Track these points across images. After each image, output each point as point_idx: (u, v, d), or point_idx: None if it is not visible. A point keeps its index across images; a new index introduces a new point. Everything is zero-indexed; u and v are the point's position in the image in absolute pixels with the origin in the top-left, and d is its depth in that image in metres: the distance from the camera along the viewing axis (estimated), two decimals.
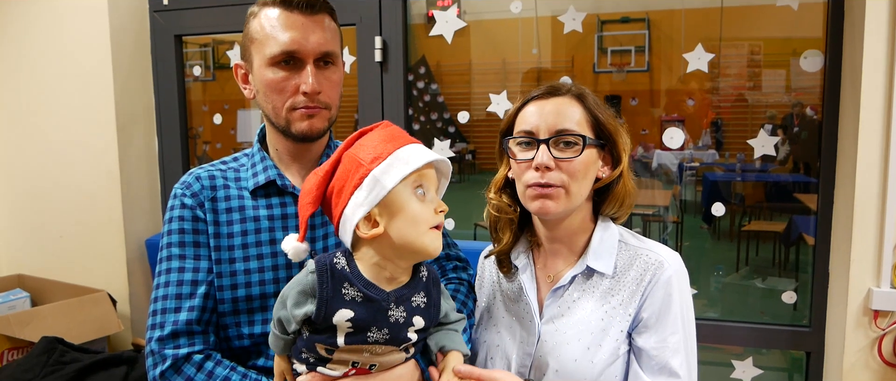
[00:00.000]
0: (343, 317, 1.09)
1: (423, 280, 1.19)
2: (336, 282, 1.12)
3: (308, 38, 1.32)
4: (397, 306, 1.14)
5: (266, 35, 1.33)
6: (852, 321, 2.13)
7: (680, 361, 1.29)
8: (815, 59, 2.30)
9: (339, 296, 1.11)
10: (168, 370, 1.25)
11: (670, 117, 2.92)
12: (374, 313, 1.11)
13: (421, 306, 1.17)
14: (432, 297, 1.19)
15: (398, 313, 1.13)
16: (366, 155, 1.13)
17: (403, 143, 1.15)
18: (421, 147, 1.16)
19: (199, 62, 3.28)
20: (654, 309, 1.30)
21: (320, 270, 1.12)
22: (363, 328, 1.10)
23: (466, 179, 4.14)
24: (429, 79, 3.37)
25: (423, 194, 1.14)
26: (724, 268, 3.12)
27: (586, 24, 2.54)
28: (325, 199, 1.17)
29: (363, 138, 1.17)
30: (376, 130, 1.19)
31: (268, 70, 1.33)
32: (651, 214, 3.25)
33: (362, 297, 1.11)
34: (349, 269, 1.13)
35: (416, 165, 1.11)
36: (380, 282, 1.14)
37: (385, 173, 1.11)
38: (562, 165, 1.29)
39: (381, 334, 1.12)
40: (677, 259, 1.35)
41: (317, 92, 1.33)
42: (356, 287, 1.12)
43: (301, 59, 1.33)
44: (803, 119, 2.65)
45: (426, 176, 1.15)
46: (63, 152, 2.98)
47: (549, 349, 1.34)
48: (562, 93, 1.35)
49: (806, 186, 2.69)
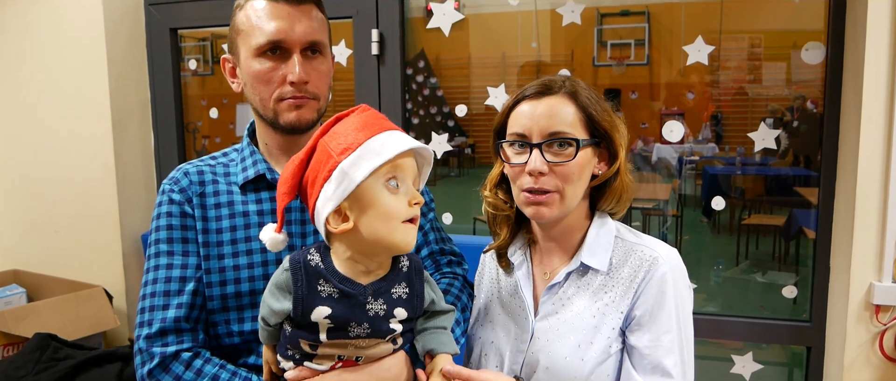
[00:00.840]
0: (321, 314, 1.07)
1: (403, 271, 1.16)
2: (311, 279, 1.09)
3: (294, 27, 1.30)
4: (376, 299, 1.11)
5: (252, 26, 1.31)
6: (853, 315, 2.11)
7: (674, 360, 1.25)
8: (816, 52, 2.27)
9: (315, 293, 1.08)
10: (156, 368, 1.22)
11: (670, 111, 2.90)
12: (352, 308, 1.09)
13: (402, 297, 1.14)
14: (415, 287, 1.16)
15: (377, 307, 1.10)
16: (336, 145, 1.09)
17: (377, 130, 1.10)
18: (396, 135, 1.11)
19: (198, 56, 3.28)
20: (647, 307, 1.27)
21: (294, 267, 1.10)
22: (342, 324, 1.08)
23: (466, 172, 4.14)
24: (428, 72, 3.36)
25: (396, 185, 1.09)
26: (724, 262, 3.11)
27: (586, 18, 2.52)
28: (301, 188, 1.14)
29: (337, 125, 1.13)
30: (352, 117, 1.14)
31: (254, 61, 1.31)
32: (651, 208, 3.24)
33: (339, 293, 1.09)
34: (323, 265, 1.11)
35: (388, 155, 1.07)
36: (355, 276, 1.11)
37: (354, 166, 1.07)
38: (556, 170, 1.26)
39: (361, 328, 1.09)
40: (674, 256, 1.32)
41: (304, 81, 1.30)
42: (331, 283, 1.09)
43: (287, 49, 1.31)
44: (804, 112, 2.63)
45: (401, 166, 1.10)
46: (58, 147, 2.97)
47: (540, 346, 1.32)
48: (554, 91, 1.30)
49: (806, 180, 2.68)
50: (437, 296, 1.22)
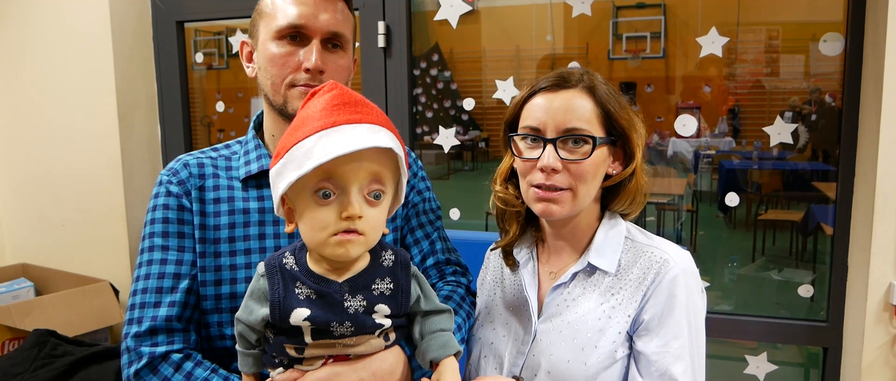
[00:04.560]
0: (300, 316, 1.02)
1: (386, 266, 1.11)
2: (287, 281, 1.05)
3: (318, 15, 1.27)
4: (354, 295, 1.05)
5: (275, 8, 1.28)
6: (872, 316, 2.05)
7: (683, 367, 1.20)
8: (835, 44, 2.22)
9: (293, 295, 1.04)
10: (143, 368, 1.18)
11: (686, 104, 2.87)
12: (331, 307, 1.04)
13: (385, 293, 1.08)
14: (400, 282, 1.10)
15: (356, 303, 1.05)
16: (281, 141, 1.03)
17: (316, 128, 0.99)
18: (335, 135, 0.98)
19: (213, 50, 3.27)
20: (656, 311, 1.22)
21: (270, 271, 1.07)
22: (324, 324, 1.03)
23: (479, 166, 4.11)
24: (442, 66, 3.34)
25: (328, 195, 0.99)
26: (739, 259, 3.06)
27: (601, 11, 2.49)
28: None
29: (300, 111, 1.05)
30: (313, 101, 1.04)
31: (272, 44, 1.28)
32: (666, 202, 3.20)
33: (315, 293, 1.04)
34: (298, 267, 1.07)
35: (310, 166, 0.95)
36: (329, 274, 1.06)
37: (279, 175, 1.01)
38: (569, 167, 1.22)
39: (344, 327, 1.04)
40: (686, 258, 1.26)
41: (320, 70, 1.27)
42: (306, 285, 1.05)
43: (308, 36, 1.28)
44: (822, 106, 2.57)
45: (337, 173, 0.98)
46: (65, 142, 2.96)
47: (542, 348, 1.28)
48: (571, 84, 1.25)
49: (824, 175, 2.63)
50: (425, 293, 1.15)
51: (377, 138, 0.99)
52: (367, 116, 1.02)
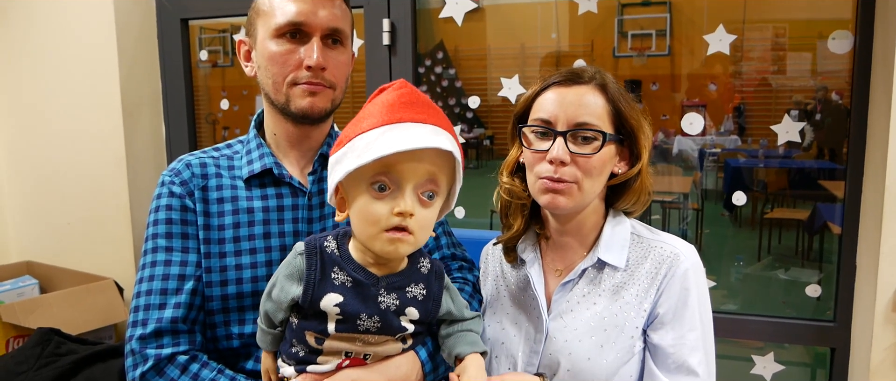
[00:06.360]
0: (331, 302, 1.02)
1: (422, 272, 1.12)
2: (325, 265, 1.05)
3: (317, 11, 1.27)
4: (389, 292, 1.06)
5: (273, 6, 1.27)
6: (881, 316, 2.04)
7: (698, 358, 1.23)
8: (843, 41, 2.21)
9: (328, 280, 1.04)
10: (149, 371, 1.17)
11: (692, 102, 2.85)
12: (364, 298, 1.04)
13: (417, 298, 1.09)
14: (432, 290, 1.12)
15: (389, 300, 1.06)
16: (344, 131, 1.04)
17: (381, 121, 1.00)
18: (397, 131, 0.99)
19: (218, 48, 3.26)
20: (670, 304, 1.24)
21: (309, 251, 1.06)
22: (353, 314, 1.03)
23: (484, 164, 4.10)
24: (446, 64, 3.32)
25: (382, 189, 1.00)
26: (745, 258, 3.04)
27: (607, 8, 2.48)
28: None
29: (367, 105, 1.07)
30: (379, 98, 1.07)
31: (272, 42, 1.27)
32: (671, 201, 3.19)
33: (352, 281, 1.04)
34: (339, 252, 1.07)
35: (368, 158, 0.97)
36: (369, 266, 1.07)
37: (338, 162, 1.02)
38: (578, 161, 1.23)
39: (372, 321, 1.04)
40: (693, 252, 1.29)
41: (321, 67, 1.26)
42: (346, 271, 1.05)
43: (308, 33, 1.27)
44: (828, 104, 2.56)
45: (395, 168, 1.00)
46: (69, 140, 2.95)
47: (559, 346, 1.28)
48: (584, 81, 1.27)
49: (831, 173, 2.61)
50: (456, 306, 1.17)
51: (439, 140, 1.00)
52: (431, 118, 1.03)
